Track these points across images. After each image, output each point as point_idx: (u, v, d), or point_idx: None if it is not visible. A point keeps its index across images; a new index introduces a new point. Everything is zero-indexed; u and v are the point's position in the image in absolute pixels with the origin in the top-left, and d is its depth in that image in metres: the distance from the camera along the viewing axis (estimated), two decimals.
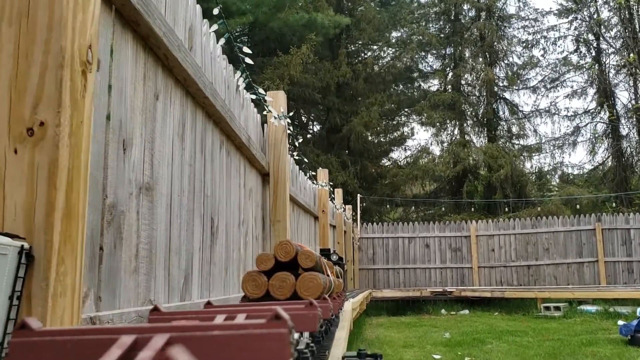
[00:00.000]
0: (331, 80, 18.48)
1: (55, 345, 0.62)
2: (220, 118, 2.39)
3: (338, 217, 8.91)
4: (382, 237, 14.20)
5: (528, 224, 13.90)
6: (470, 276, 13.87)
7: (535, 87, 20.37)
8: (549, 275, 13.65)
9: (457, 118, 19.55)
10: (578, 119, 20.81)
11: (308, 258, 1.70)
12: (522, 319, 11.37)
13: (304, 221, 5.15)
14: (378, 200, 19.29)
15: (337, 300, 2.15)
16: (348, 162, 18.73)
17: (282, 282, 1.62)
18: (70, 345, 0.61)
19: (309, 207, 5.28)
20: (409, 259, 14.08)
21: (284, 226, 3.34)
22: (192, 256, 1.95)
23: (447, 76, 20.52)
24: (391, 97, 20.03)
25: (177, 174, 1.87)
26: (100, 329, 0.64)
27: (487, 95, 19.13)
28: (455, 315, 12.38)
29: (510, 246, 13.90)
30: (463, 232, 14.09)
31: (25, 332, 0.63)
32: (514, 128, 19.82)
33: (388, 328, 10.13)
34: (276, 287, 1.63)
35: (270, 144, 3.45)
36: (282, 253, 1.70)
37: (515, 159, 18.01)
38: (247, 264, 2.86)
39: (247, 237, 2.86)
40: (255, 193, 3.14)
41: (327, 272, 2.06)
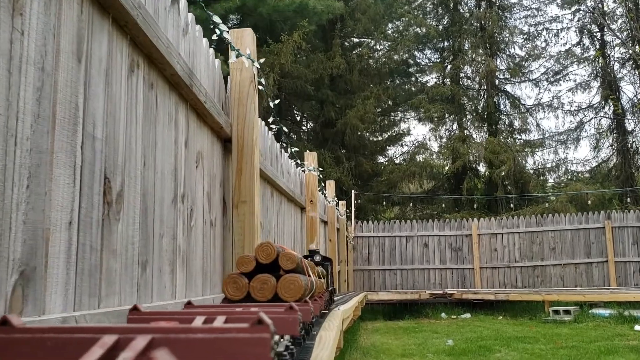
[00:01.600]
0: (324, 72, 17.71)
1: (35, 342, 0.61)
2: (128, 19, 1.57)
3: (330, 212, 8.11)
4: (378, 236, 13.44)
5: (533, 222, 13.16)
6: (472, 277, 13.13)
7: (538, 80, 19.67)
8: (555, 277, 12.93)
9: (456, 112, 18.80)
10: (582, 113, 20.14)
11: (289, 260, 1.70)
12: (529, 323, 10.67)
13: (288, 212, 4.37)
14: (373, 198, 18.53)
15: (318, 301, 2.10)
16: (343, 158, 17.97)
17: (263, 284, 1.64)
18: (50, 343, 0.61)
19: (294, 195, 4.51)
20: (406, 260, 13.34)
21: (251, 210, 2.50)
22: (44, 235, 1.16)
23: (446, 69, 19.76)
24: (387, 90, 19.26)
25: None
26: (83, 327, 0.63)
27: (488, 87, 18.38)
28: (456, 319, 11.69)
29: (514, 245, 13.17)
30: (464, 230, 13.34)
31: (5, 329, 0.62)
32: (515, 122, 19.08)
33: (384, 334, 9.43)
34: (257, 289, 1.64)
35: (233, 101, 2.65)
36: (263, 255, 1.70)
37: (517, 155, 17.24)
38: (192, 260, 2.08)
39: (194, 222, 2.09)
40: (208, 161, 2.37)
41: (309, 273, 2.05)
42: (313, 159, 5.20)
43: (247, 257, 1.69)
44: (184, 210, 2.00)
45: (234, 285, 1.63)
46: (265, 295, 1.61)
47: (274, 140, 3.90)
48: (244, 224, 2.53)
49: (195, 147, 2.20)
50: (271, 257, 1.69)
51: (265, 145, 3.59)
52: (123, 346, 0.59)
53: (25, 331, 0.62)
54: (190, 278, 2.07)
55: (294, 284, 1.60)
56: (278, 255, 1.72)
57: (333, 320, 2.29)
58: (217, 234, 2.49)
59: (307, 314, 1.39)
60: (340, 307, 3.20)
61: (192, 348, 0.60)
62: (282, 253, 1.73)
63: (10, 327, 0.63)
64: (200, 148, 2.25)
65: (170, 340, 0.60)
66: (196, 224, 2.17)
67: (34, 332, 0.62)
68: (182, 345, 0.60)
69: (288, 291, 1.61)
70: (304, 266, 1.97)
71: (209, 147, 2.38)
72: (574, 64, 20.26)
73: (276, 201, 3.94)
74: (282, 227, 4.06)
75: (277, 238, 3.88)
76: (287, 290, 1.61)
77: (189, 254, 2.08)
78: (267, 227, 3.58)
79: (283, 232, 4.11)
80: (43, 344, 0.61)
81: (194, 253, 2.14)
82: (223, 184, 2.54)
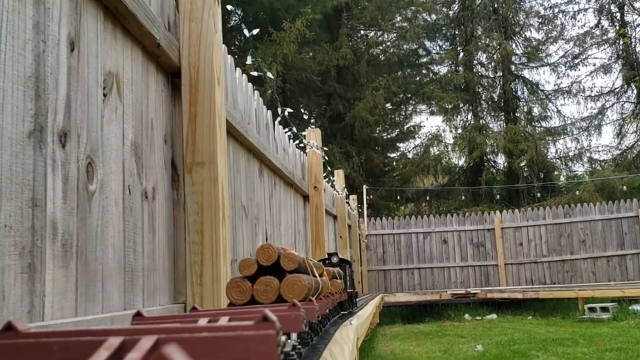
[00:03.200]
0: (330, 63, 16.89)
1: (41, 346, 0.61)
2: None
3: (340, 205, 7.26)
4: (393, 233, 12.59)
5: (560, 213, 12.25)
6: (496, 275, 12.24)
7: (556, 64, 18.70)
8: (586, 271, 12.02)
9: (470, 101, 17.88)
10: (603, 98, 19.14)
11: (290, 260, 1.69)
12: (563, 323, 9.80)
13: (285, 198, 3.56)
14: (386, 194, 17.67)
15: (324, 300, 2.05)
16: (352, 153, 17.13)
17: (267, 287, 1.63)
18: (56, 347, 0.61)
19: (293, 178, 3.68)
20: (424, 258, 12.48)
21: (212, 175, 1.71)
22: None
23: (459, 56, 18.84)
24: (397, 81, 18.36)
25: None
26: (88, 330, 0.62)
27: (504, 73, 17.43)
28: (481, 320, 10.83)
29: (540, 239, 12.27)
30: (486, 224, 12.46)
31: (10, 334, 0.63)
32: (535, 109, 18.09)
33: (405, 340, 8.60)
34: (260, 291, 1.63)
35: (183, 14, 1.79)
36: (264, 257, 1.69)
37: (538, 143, 16.27)
38: (95, 250, 1.24)
39: (97, 186, 1.25)
40: (134, 95, 1.56)
41: (314, 273, 2.00)
42: (316, 136, 4.36)
43: (249, 260, 1.71)
44: (66, 160, 1.16)
45: (237, 289, 1.66)
46: (269, 297, 1.64)
47: (261, 102, 3.07)
48: (202, 198, 1.70)
49: (100, 61, 1.36)
50: (272, 259, 1.70)
51: (248, 105, 2.76)
52: (129, 347, 0.59)
53: (31, 336, 0.62)
54: (91, 280, 1.24)
55: (297, 284, 1.63)
56: (279, 256, 1.72)
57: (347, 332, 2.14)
58: (160, 211, 1.69)
59: (312, 312, 1.41)
60: (354, 320, 2.58)
61: (197, 346, 0.60)
62: (283, 254, 1.73)
63: (15, 332, 0.62)
64: (112, 67, 1.42)
65: (176, 339, 0.60)
66: (104, 190, 1.33)
67: (39, 336, 0.62)
68: (187, 344, 0.60)
69: (292, 291, 1.62)
70: (307, 266, 1.93)
71: (135, 73, 1.55)
72: (592, 46, 19.28)
73: (268, 182, 3.12)
74: (276, 216, 3.24)
75: (269, 229, 3.06)
76: (291, 290, 1.62)
77: (87, 238, 1.24)
78: (254, 212, 2.76)
79: (279, 223, 3.29)
80: (49, 348, 0.61)
81: (99, 238, 1.31)
82: (171, 140, 1.73)
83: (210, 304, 1.67)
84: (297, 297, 1.59)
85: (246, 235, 2.61)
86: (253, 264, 1.67)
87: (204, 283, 1.67)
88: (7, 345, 0.62)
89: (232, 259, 2.38)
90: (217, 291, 1.67)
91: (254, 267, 1.67)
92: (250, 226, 2.67)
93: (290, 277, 1.62)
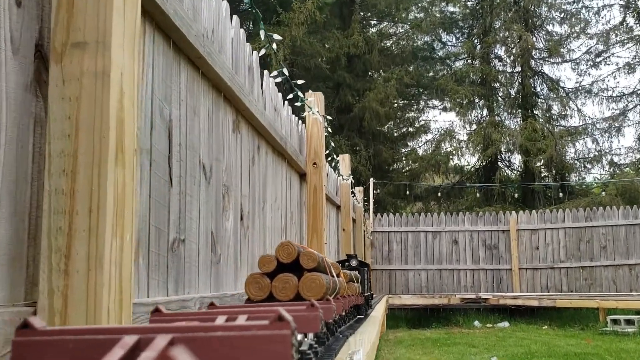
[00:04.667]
0: (341, 50, 16.12)
1: (57, 344, 0.62)
2: None
3: (344, 193, 6.49)
4: (400, 231, 11.83)
5: (581, 216, 11.45)
6: (509, 280, 11.47)
7: (578, 61, 17.81)
8: (606, 280, 11.23)
9: (487, 95, 17.03)
10: (625, 100, 18.26)
11: (310, 259, 1.71)
12: (583, 335, 9.02)
13: (275, 172, 2.80)
14: (394, 191, 16.88)
15: (341, 300, 2.09)
16: (360, 146, 16.35)
17: (285, 284, 1.65)
18: (72, 345, 0.62)
19: (285, 147, 2.91)
20: (432, 258, 11.73)
21: (102, 67, 0.97)
22: None
23: (476, 48, 17.98)
24: (410, 72, 17.53)
25: None
26: (103, 328, 0.64)
27: (524, 67, 16.56)
28: (492, 328, 10.06)
29: (558, 243, 11.49)
30: (500, 225, 11.67)
31: (27, 332, 0.63)
32: (555, 107, 17.20)
33: (410, 347, 7.86)
34: (279, 288, 1.64)
35: None
36: (284, 254, 1.71)
37: (559, 142, 15.41)
38: None
39: None
40: None
41: (332, 273, 2.05)
42: (319, 102, 3.59)
43: (269, 256, 1.72)
44: None
45: (256, 286, 1.67)
46: (287, 294, 1.63)
47: (242, 36, 2.32)
48: (78, 108, 0.98)
49: None
50: (292, 257, 1.71)
51: (220, 28, 1.99)
52: (144, 346, 0.59)
53: (47, 333, 0.63)
54: None
55: (315, 282, 1.63)
56: (299, 254, 1.74)
57: None
58: None
59: (329, 312, 1.43)
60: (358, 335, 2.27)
61: (212, 345, 0.60)
62: (302, 252, 1.75)
63: (32, 329, 0.63)
64: None
65: (190, 339, 0.61)
66: None
67: (55, 334, 0.63)
68: (202, 343, 0.60)
69: (310, 290, 1.62)
70: (326, 265, 1.96)
71: None
72: (616, 45, 18.39)
73: (247, 142, 2.38)
74: (260, 190, 2.50)
75: (247, 206, 2.31)
76: (309, 289, 1.63)
77: None
78: (222, 178, 2.02)
79: (262, 200, 2.55)
80: (65, 346, 0.62)
81: None
82: (36, 3, 0.98)
83: (82, 309, 0.92)
84: (315, 295, 1.61)
85: (205, 208, 1.88)
86: (272, 260, 1.68)
87: (72, 270, 0.94)
88: (24, 342, 0.63)
89: (176, 239, 1.63)
90: (97, 287, 0.95)
91: (274, 264, 1.68)
92: (214, 195, 1.94)
93: (308, 275, 1.64)
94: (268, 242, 2.61)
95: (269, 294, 1.64)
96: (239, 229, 2.20)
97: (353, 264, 3.30)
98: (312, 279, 1.62)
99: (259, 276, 1.65)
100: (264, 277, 1.65)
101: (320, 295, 1.61)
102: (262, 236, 2.50)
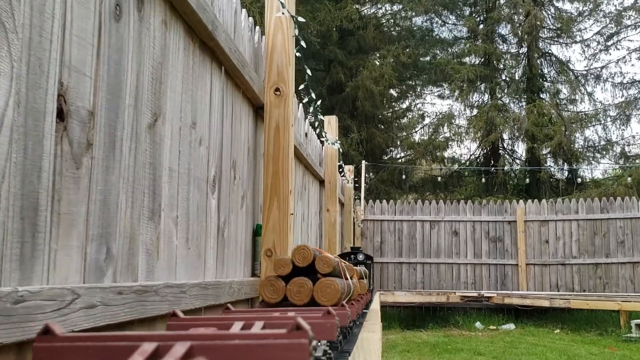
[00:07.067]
0: (332, 23, 14.88)
1: (77, 350, 0.63)
2: None
3: (330, 164, 5.27)
4: (394, 220, 10.69)
5: (596, 207, 10.34)
6: (515, 276, 10.36)
7: (588, 43, 16.65)
8: (623, 279, 10.16)
9: (490, 76, 15.83)
10: (636, 86, 17.14)
11: (326, 264, 1.72)
12: (603, 341, 7.90)
13: (189, 67, 1.57)
14: (387, 178, 15.69)
15: (355, 305, 2.04)
16: (352, 128, 15.14)
17: (300, 288, 1.66)
18: (92, 351, 0.63)
19: (216, 38, 1.68)
20: (430, 251, 10.60)
21: None
22: None
23: (479, 26, 16.76)
24: (407, 52, 16.28)
25: None
26: (124, 335, 0.64)
27: (531, 46, 15.36)
28: (496, 331, 8.95)
29: (570, 237, 10.38)
30: (506, 215, 10.55)
31: (48, 338, 0.65)
32: (564, 90, 16.02)
33: (405, 354, 6.72)
34: (294, 292, 1.67)
35: None
36: (299, 258, 1.72)
37: (567, 128, 14.24)
38: None
39: None
40: None
41: (346, 275, 2.03)
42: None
43: (284, 259, 1.70)
44: None
45: (271, 288, 1.67)
46: (302, 298, 1.64)
47: None
48: None
49: None
50: (307, 260, 1.70)
51: None
52: (162, 353, 0.61)
53: (67, 339, 0.64)
54: None
55: (330, 287, 1.62)
56: (315, 258, 1.72)
57: None
58: None
59: (344, 318, 1.41)
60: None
61: (230, 355, 0.61)
62: (318, 257, 1.73)
63: (53, 335, 0.64)
64: None
65: (209, 347, 0.61)
66: None
67: (75, 340, 0.64)
68: (221, 352, 0.61)
69: (324, 295, 1.62)
70: (341, 269, 1.92)
71: None
72: (629, 28, 17.25)
73: None
74: (147, 91, 1.30)
75: (93, 101, 1.05)
76: (324, 294, 1.61)
77: None
78: None
79: (153, 113, 1.33)
80: (85, 352, 0.63)
81: None
82: None
83: None
84: (330, 301, 1.63)
85: None
86: (288, 264, 1.71)
87: None
88: (44, 348, 0.64)
89: None
90: None
91: (289, 267, 1.71)
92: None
93: (323, 281, 1.65)
94: (169, 203, 1.44)
95: (284, 297, 1.65)
96: (59, 156, 1.02)
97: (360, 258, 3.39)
98: (327, 284, 1.62)
99: (274, 279, 1.66)
100: (279, 280, 1.66)
101: (334, 300, 1.61)
102: (148, 183, 1.33)
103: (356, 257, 3.47)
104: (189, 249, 1.67)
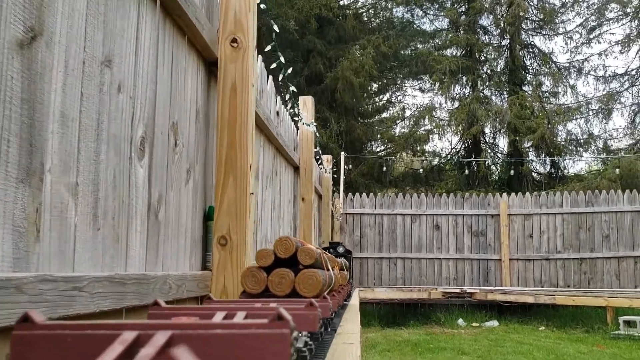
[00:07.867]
0: (311, 11, 14.41)
1: (56, 339, 0.62)
2: None
3: (305, 148, 4.86)
4: (375, 214, 10.32)
5: (581, 200, 10.08)
6: (498, 272, 10.06)
7: (570, 36, 16.44)
8: (608, 274, 9.91)
9: (472, 68, 15.52)
10: (617, 80, 17.00)
11: (308, 255, 1.74)
12: (590, 339, 7.64)
13: (128, 22, 1.16)
14: (367, 172, 15.30)
15: (336, 297, 2.14)
16: (331, 120, 14.73)
17: (282, 279, 1.67)
18: (71, 339, 0.62)
19: None
20: (411, 246, 10.26)
21: None
22: None
23: (461, 16, 16.44)
24: (388, 41, 15.89)
25: None
26: (103, 324, 0.63)
27: (514, 37, 15.07)
28: (479, 328, 8.64)
29: (555, 231, 10.11)
30: (489, 209, 10.24)
31: (27, 325, 0.63)
32: (546, 82, 15.77)
33: (385, 353, 6.36)
34: (275, 283, 1.68)
35: None
36: (281, 249, 1.72)
37: (549, 121, 13.99)
38: None
39: None
40: None
41: (328, 267, 2.05)
42: None
43: (266, 250, 1.72)
44: None
45: (252, 279, 1.68)
46: (283, 289, 1.66)
47: None
48: None
49: None
50: (290, 252, 1.71)
51: None
52: (143, 342, 0.59)
53: (46, 327, 0.63)
54: None
55: (312, 279, 1.64)
56: (297, 249, 1.73)
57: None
58: None
59: (326, 309, 1.43)
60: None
61: (212, 344, 0.61)
62: (300, 248, 1.75)
63: (32, 323, 0.63)
64: None
65: (190, 336, 0.61)
66: None
67: (54, 328, 0.63)
68: (202, 342, 0.61)
69: (306, 286, 1.65)
70: (323, 260, 1.94)
71: None
72: (611, 21, 17.09)
73: None
74: None
75: None
76: (306, 285, 1.65)
77: None
78: None
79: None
80: (63, 340, 0.62)
81: None
82: None
83: None
84: (312, 292, 1.63)
85: None
86: (270, 255, 1.69)
87: None
88: (23, 336, 0.63)
89: None
90: None
91: (271, 258, 1.69)
92: None
93: (305, 272, 1.65)
94: (61, 162, 1.00)
95: (265, 288, 1.65)
96: None
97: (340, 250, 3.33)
98: (309, 276, 1.63)
99: (255, 270, 1.66)
100: (260, 271, 1.65)
101: (316, 292, 1.61)
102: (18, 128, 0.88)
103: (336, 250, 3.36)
104: (98, 230, 1.26)
